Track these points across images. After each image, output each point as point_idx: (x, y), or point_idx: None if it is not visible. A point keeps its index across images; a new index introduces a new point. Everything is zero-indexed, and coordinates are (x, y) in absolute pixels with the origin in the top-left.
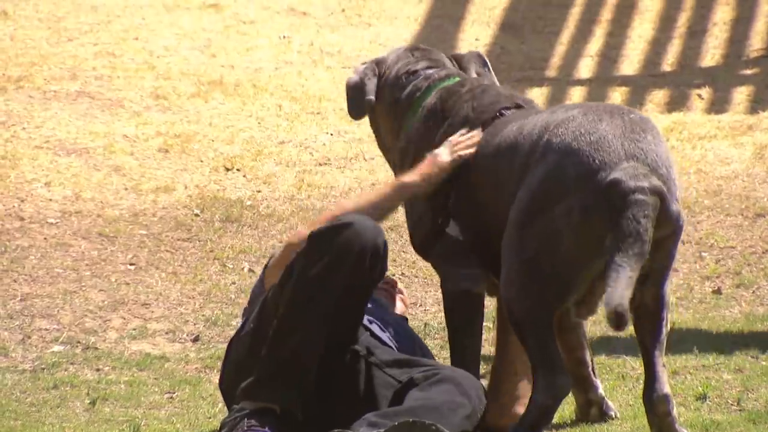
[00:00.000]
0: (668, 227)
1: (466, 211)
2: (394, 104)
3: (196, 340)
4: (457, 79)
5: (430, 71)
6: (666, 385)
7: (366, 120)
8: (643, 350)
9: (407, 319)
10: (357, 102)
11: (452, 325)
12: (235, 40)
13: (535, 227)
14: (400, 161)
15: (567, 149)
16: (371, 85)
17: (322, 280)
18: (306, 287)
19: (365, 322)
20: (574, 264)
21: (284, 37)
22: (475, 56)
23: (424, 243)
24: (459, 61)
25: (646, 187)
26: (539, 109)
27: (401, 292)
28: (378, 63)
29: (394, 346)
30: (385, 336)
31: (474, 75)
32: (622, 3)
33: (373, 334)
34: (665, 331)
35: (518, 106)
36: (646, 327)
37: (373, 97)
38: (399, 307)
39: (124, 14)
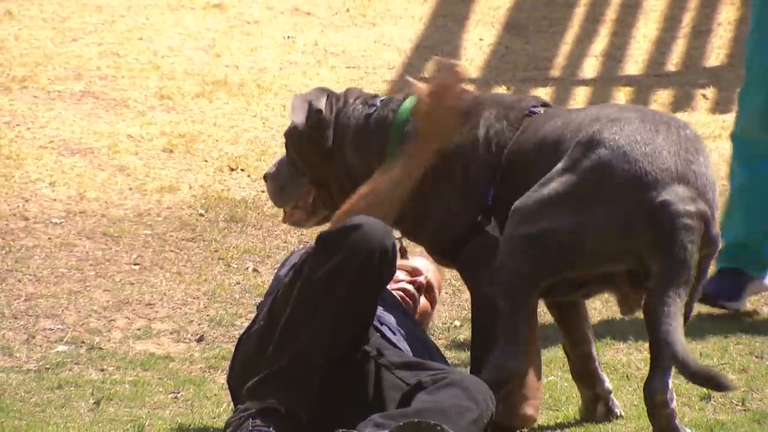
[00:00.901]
0: (708, 249)
1: (507, 208)
2: (362, 131)
3: (200, 340)
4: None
5: (383, 98)
6: (667, 378)
7: None
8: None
9: (419, 323)
10: (302, 110)
11: (487, 329)
12: (240, 40)
13: (561, 212)
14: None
15: (620, 152)
16: (320, 98)
17: (330, 282)
18: (313, 288)
19: (376, 323)
20: (584, 260)
21: (288, 37)
22: None
23: (456, 242)
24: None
25: (693, 212)
26: (575, 108)
27: (431, 291)
28: (327, 91)
29: (405, 349)
30: (395, 338)
31: None
32: (626, 3)
33: (383, 336)
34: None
35: (545, 105)
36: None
37: (323, 107)
38: (422, 306)
39: (129, 14)
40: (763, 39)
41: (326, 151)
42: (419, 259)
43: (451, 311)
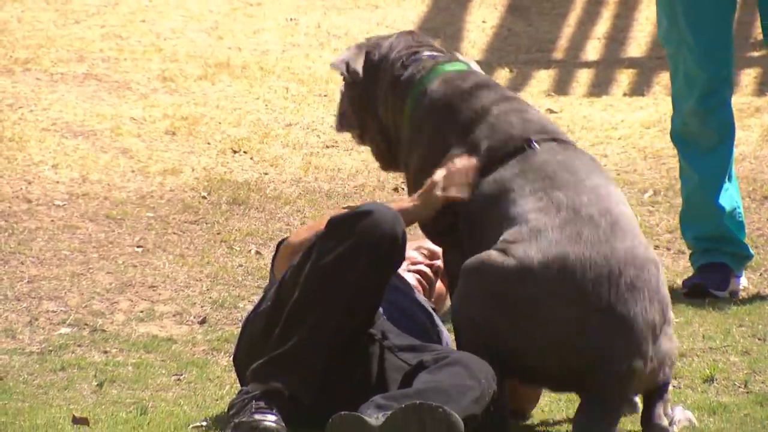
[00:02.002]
0: (653, 385)
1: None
2: (394, 84)
3: (203, 322)
4: (462, 66)
5: (433, 54)
6: (663, 419)
7: None
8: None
9: (434, 308)
10: (345, 72)
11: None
12: (242, 22)
13: (515, 304)
14: (407, 150)
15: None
16: (357, 59)
17: (339, 268)
18: (321, 273)
19: (382, 306)
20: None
21: (291, 19)
22: (473, 63)
23: (435, 234)
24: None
25: (623, 371)
26: (570, 158)
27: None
28: (369, 46)
29: (411, 330)
30: (403, 325)
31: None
32: None
33: (389, 319)
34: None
35: (553, 139)
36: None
37: (359, 69)
38: (437, 289)
39: None
40: (681, 40)
41: (364, 103)
42: None
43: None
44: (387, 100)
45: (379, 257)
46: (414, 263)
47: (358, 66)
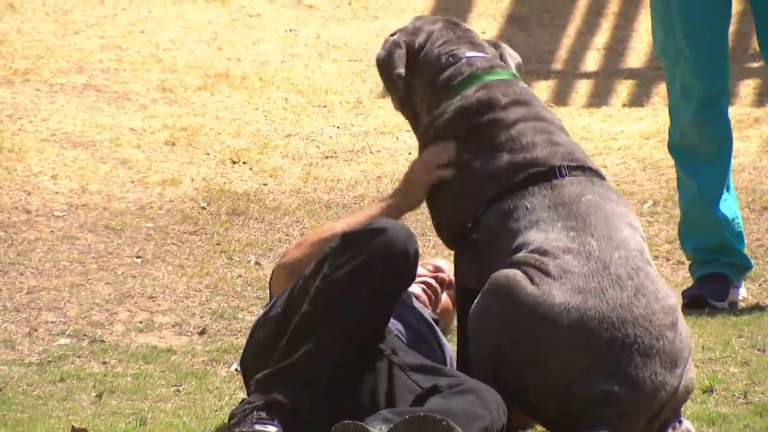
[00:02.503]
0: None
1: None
2: (431, 83)
3: (202, 333)
4: (502, 75)
5: (473, 57)
6: None
7: (372, 113)
8: None
9: (437, 322)
10: (387, 77)
11: (458, 310)
12: (242, 33)
13: (521, 346)
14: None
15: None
16: (399, 57)
17: (350, 283)
18: (332, 288)
19: (391, 322)
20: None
21: (291, 30)
22: (516, 59)
23: (449, 237)
24: (498, 50)
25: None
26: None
27: (452, 288)
28: (412, 33)
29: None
30: (407, 340)
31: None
32: None
33: (398, 336)
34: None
35: (580, 167)
36: None
37: (402, 70)
38: (443, 303)
39: (131, 7)
40: (678, 52)
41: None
42: (441, 260)
43: None
44: (423, 95)
45: (391, 274)
46: (418, 276)
47: (401, 66)
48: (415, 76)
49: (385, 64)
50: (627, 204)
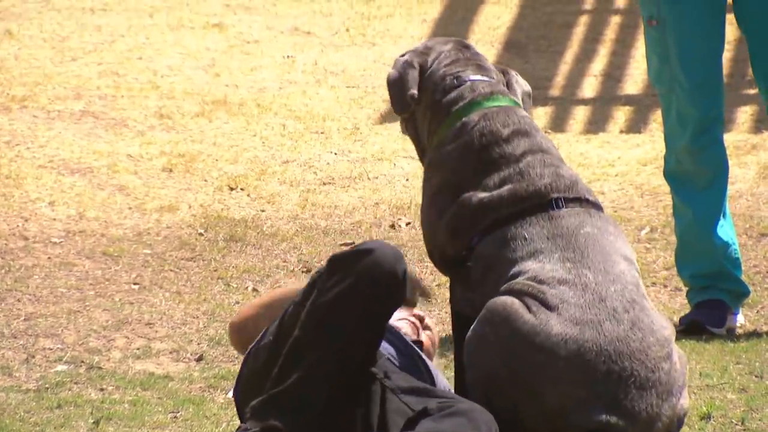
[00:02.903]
0: None
1: (482, 259)
2: (434, 104)
3: (200, 359)
4: (501, 102)
5: (477, 80)
6: None
7: (369, 139)
8: None
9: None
10: (399, 97)
11: (454, 336)
12: (239, 59)
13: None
14: (426, 175)
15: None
16: (412, 77)
17: (339, 306)
18: (322, 311)
19: (382, 347)
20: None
21: (288, 56)
22: (523, 87)
23: (441, 264)
24: (506, 77)
25: None
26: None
27: (428, 329)
28: (422, 53)
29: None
30: (398, 363)
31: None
32: (625, 23)
33: (390, 359)
34: None
35: (578, 199)
36: None
37: (415, 91)
38: (426, 341)
39: (128, 34)
40: (673, 79)
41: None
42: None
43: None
44: (425, 115)
45: (380, 294)
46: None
47: (414, 87)
48: (421, 95)
49: (397, 84)
50: (624, 236)
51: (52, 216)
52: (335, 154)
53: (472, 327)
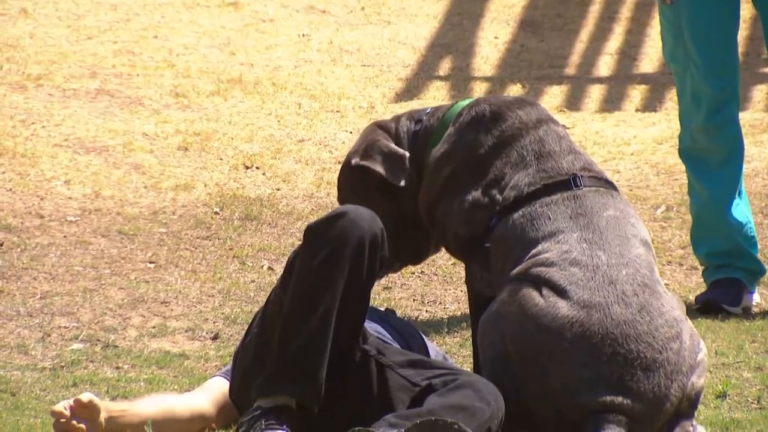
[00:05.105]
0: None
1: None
2: (413, 141)
3: (215, 338)
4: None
5: (430, 108)
6: None
7: (384, 117)
8: None
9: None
10: (398, 166)
11: (471, 317)
12: (255, 38)
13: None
14: (434, 170)
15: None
16: (392, 144)
17: (324, 273)
18: (309, 281)
19: (367, 324)
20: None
21: (303, 35)
22: None
23: (457, 248)
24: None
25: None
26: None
27: None
28: (380, 130)
29: (398, 346)
30: (388, 337)
31: None
32: (641, 1)
33: (379, 337)
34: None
35: (593, 177)
36: None
37: (406, 153)
38: None
39: (144, 12)
40: (687, 58)
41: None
42: None
43: (465, 309)
44: (412, 153)
45: (362, 255)
46: None
47: (399, 177)
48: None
49: (390, 158)
50: (640, 220)
51: (68, 195)
52: (350, 132)
53: (487, 309)
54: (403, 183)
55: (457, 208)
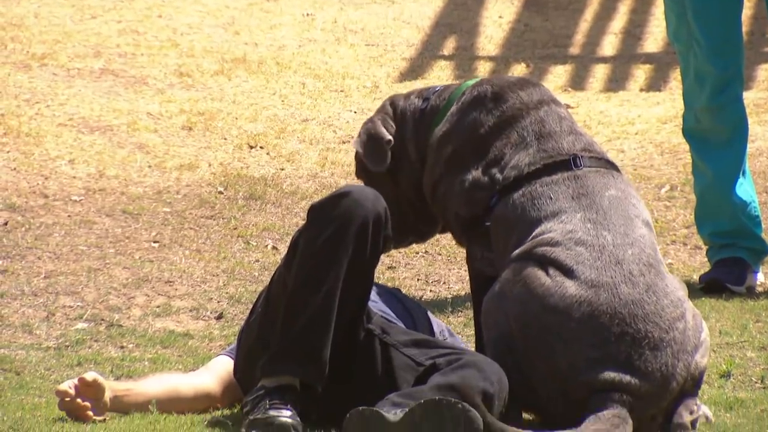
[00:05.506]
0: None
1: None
2: (420, 120)
3: (219, 317)
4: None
5: (438, 87)
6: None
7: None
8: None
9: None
10: (377, 151)
11: (473, 296)
12: (259, 17)
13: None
14: (437, 150)
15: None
16: (382, 127)
17: (328, 252)
18: (313, 260)
19: (372, 303)
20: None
21: (308, 14)
22: None
23: (458, 228)
24: None
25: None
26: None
27: None
28: (389, 107)
29: (402, 324)
30: (393, 316)
31: None
32: None
33: (383, 316)
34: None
35: (594, 158)
36: None
37: (390, 137)
38: None
39: None
40: (691, 37)
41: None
42: None
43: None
44: (417, 132)
45: (366, 234)
46: None
47: (384, 133)
48: (404, 139)
49: (371, 140)
50: (641, 200)
51: (72, 174)
52: (354, 112)
53: (490, 289)
54: (381, 169)
55: (457, 188)
